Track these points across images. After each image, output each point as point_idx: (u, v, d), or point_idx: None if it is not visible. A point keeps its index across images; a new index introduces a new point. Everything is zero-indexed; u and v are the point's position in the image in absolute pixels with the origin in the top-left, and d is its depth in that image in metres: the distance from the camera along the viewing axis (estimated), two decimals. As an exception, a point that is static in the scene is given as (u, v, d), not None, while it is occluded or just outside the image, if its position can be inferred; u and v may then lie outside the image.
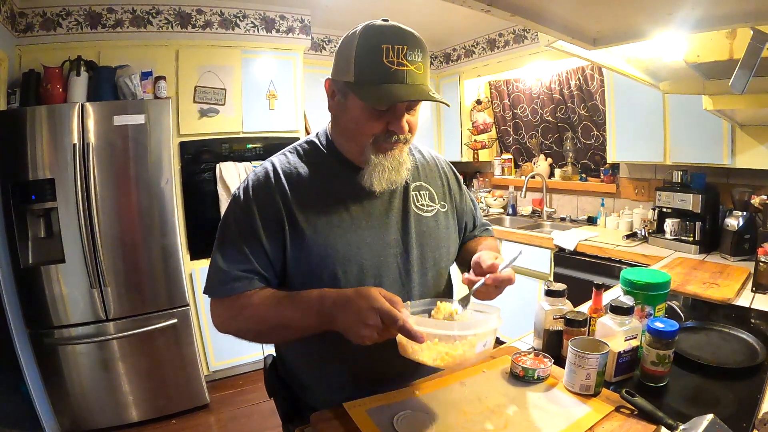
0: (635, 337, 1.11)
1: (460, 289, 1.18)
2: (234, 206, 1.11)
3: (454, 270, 1.32)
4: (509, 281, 1.02)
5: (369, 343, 0.87)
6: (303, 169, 1.12)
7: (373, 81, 0.97)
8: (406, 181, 1.18)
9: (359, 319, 0.86)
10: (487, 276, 1.02)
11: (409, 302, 0.99)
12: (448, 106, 1.17)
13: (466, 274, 1.08)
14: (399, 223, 1.15)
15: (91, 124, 2.53)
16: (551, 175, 4.06)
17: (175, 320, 2.82)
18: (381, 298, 0.86)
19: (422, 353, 0.89)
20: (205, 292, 1.09)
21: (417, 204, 1.19)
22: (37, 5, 2.75)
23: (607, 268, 2.80)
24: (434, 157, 1.34)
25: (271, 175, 1.11)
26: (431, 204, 1.22)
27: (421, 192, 1.22)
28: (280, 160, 1.15)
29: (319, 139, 1.19)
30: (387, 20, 1.01)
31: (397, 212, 1.15)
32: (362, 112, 1.02)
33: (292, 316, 0.99)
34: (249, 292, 1.04)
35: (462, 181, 1.39)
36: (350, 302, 0.89)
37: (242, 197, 1.10)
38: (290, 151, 1.18)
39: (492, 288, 1.03)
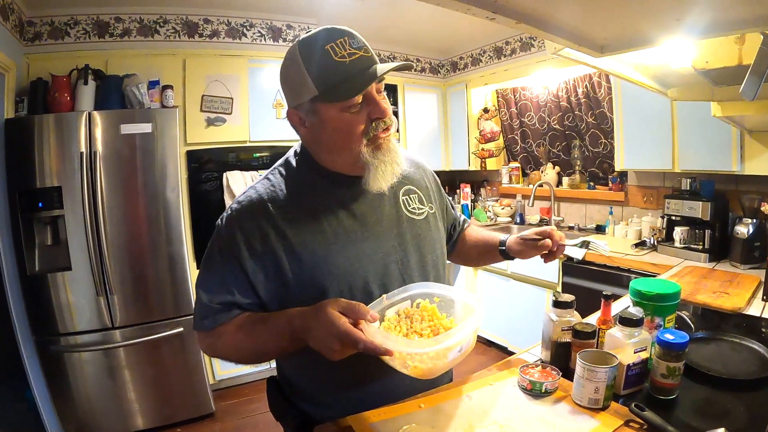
0: (645, 349, 1.09)
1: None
2: (218, 237, 1.07)
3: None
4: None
5: (344, 357, 0.87)
6: (288, 189, 1.08)
7: (338, 81, 0.95)
8: (394, 187, 1.14)
9: (323, 345, 0.86)
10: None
11: (384, 296, 1.01)
12: (411, 69, 1.13)
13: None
14: (394, 229, 1.13)
15: (98, 132, 2.55)
16: (559, 183, 4.04)
17: (181, 329, 2.81)
18: (339, 321, 0.84)
19: (393, 361, 0.90)
20: (193, 328, 1.09)
21: (408, 208, 1.18)
22: (46, 14, 2.78)
23: (616, 277, 2.78)
24: (416, 160, 1.32)
25: (256, 202, 1.05)
26: (421, 207, 1.21)
27: (411, 196, 1.20)
28: (263, 185, 1.09)
29: (296, 157, 1.14)
30: (308, 31, 1.01)
31: (390, 219, 1.13)
32: (342, 115, 0.99)
33: (266, 341, 1.00)
34: (226, 322, 1.04)
35: (440, 182, 1.38)
36: (312, 330, 0.88)
37: (225, 227, 1.06)
38: (271, 174, 1.12)
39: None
